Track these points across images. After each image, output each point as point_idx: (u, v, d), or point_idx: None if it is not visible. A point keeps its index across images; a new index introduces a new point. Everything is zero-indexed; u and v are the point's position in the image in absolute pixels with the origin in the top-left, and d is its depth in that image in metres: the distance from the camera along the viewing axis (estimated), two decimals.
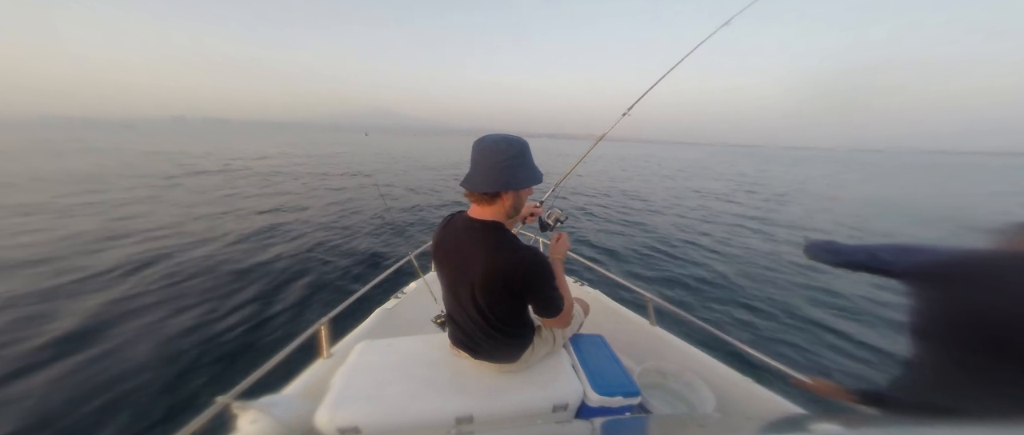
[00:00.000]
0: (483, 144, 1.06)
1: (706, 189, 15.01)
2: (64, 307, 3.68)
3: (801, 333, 3.69)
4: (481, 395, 1.26)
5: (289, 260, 5.24)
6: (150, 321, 3.49)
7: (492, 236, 1.10)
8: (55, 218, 6.81)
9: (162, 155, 20.86)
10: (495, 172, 1.05)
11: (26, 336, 3.15)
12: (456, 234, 1.18)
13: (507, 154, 1.05)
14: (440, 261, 1.24)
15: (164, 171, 13.86)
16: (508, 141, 1.06)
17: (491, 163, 1.05)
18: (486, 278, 1.09)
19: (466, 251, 1.13)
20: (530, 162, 1.11)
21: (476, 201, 1.13)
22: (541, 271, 1.08)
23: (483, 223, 1.13)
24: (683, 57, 1.95)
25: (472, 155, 1.09)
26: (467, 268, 1.12)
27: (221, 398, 1.14)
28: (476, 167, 1.08)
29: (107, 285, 4.20)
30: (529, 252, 1.07)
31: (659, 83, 1.99)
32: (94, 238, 5.77)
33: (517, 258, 1.05)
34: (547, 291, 1.13)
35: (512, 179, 1.06)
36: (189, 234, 6.16)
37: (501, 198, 1.10)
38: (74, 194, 9.04)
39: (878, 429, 0.60)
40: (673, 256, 5.95)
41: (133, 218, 6.96)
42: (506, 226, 1.18)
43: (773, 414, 1.51)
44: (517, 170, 1.06)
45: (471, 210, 1.18)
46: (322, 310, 2.17)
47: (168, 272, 4.57)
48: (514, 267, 1.05)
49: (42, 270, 4.50)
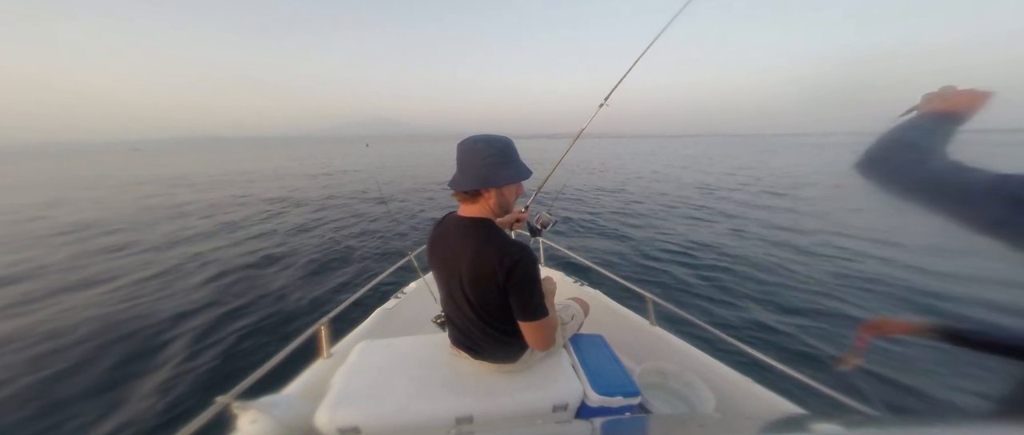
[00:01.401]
0: (465, 145, 1.11)
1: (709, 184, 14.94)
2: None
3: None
4: (481, 395, 1.26)
5: (289, 260, 5.25)
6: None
7: (481, 231, 1.13)
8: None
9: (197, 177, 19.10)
10: (475, 170, 1.09)
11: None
12: (446, 233, 1.22)
13: (486, 153, 1.08)
14: (434, 261, 1.27)
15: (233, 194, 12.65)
16: (488, 140, 1.09)
17: (471, 162, 1.09)
18: (473, 272, 1.10)
19: (456, 247, 1.15)
20: (513, 159, 1.13)
21: (462, 200, 1.17)
22: (526, 267, 1.05)
23: (472, 220, 1.16)
24: (655, 38, 1.98)
25: (457, 156, 1.12)
26: (457, 264, 1.14)
27: (221, 398, 1.14)
28: (460, 167, 1.13)
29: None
30: (517, 245, 1.07)
31: (633, 68, 2.01)
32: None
33: (503, 250, 1.05)
34: (529, 288, 1.08)
35: (493, 176, 1.08)
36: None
37: (483, 196, 1.12)
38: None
39: (878, 429, 0.60)
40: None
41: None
42: (496, 224, 1.20)
43: (773, 414, 1.50)
44: (498, 167, 1.09)
45: (460, 210, 1.22)
46: (322, 310, 2.17)
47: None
48: (499, 259, 1.04)
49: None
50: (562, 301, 1.69)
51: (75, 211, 9.87)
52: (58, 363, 3.00)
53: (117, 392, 2.67)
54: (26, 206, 10.90)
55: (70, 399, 2.62)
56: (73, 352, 3.15)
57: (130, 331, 3.47)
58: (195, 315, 3.75)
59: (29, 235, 7.24)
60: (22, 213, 9.74)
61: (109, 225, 8.00)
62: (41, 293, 4.40)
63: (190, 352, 3.13)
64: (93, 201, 11.78)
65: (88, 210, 10.02)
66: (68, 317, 3.77)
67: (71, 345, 3.26)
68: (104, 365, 2.99)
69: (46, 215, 9.38)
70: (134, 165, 33.60)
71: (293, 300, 4.11)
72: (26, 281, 4.80)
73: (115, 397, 2.62)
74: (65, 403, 2.58)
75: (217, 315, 3.73)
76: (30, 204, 11.32)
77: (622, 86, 2.13)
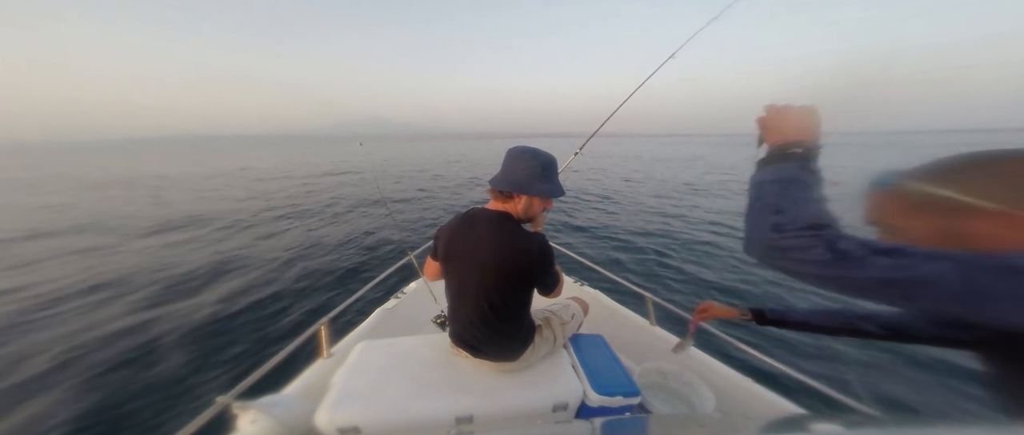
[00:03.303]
0: (515, 151, 1.22)
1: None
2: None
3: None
4: (481, 395, 1.26)
5: (289, 257, 5.25)
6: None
7: (509, 224, 1.23)
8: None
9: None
10: (515, 175, 1.20)
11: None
12: (473, 224, 1.26)
13: (530, 163, 1.19)
14: (452, 252, 1.29)
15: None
16: (535, 153, 1.20)
17: (514, 167, 1.20)
18: (503, 260, 1.17)
19: (483, 238, 1.21)
20: (551, 176, 1.23)
21: (495, 197, 1.27)
22: (551, 254, 1.23)
23: (500, 214, 1.25)
24: (651, 73, 2.06)
25: (504, 158, 1.24)
26: (480, 251, 1.20)
27: (221, 398, 1.14)
28: (503, 168, 1.23)
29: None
30: (540, 237, 1.22)
31: (648, 79, 2.06)
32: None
33: (532, 242, 1.19)
34: (553, 271, 1.29)
35: (528, 185, 1.19)
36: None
37: (515, 199, 1.22)
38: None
39: (878, 429, 0.60)
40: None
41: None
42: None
43: (773, 414, 1.50)
44: (535, 179, 1.19)
45: (490, 204, 1.30)
46: (322, 310, 2.17)
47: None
48: (528, 251, 1.18)
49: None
50: (562, 301, 1.69)
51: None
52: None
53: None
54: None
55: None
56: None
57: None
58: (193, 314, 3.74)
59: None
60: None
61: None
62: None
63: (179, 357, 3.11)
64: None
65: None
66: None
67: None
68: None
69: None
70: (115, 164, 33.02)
71: (292, 300, 4.10)
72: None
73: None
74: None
75: (214, 314, 3.73)
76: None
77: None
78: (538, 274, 1.23)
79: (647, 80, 2.06)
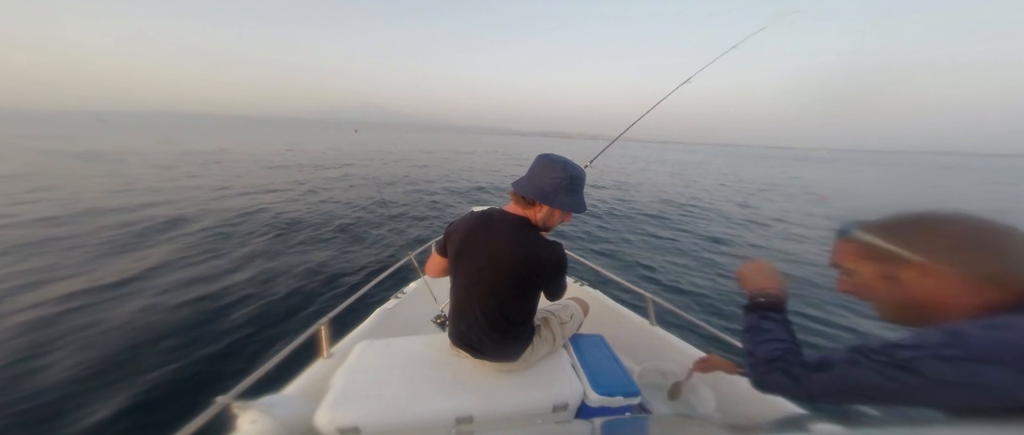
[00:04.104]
0: (545, 158, 1.21)
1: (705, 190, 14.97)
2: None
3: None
4: (481, 395, 1.26)
5: (288, 257, 5.24)
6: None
7: (528, 229, 1.22)
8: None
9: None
10: (541, 183, 1.17)
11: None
12: (490, 225, 1.25)
13: (558, 174, 1.17)
14: (464, 250, 1.27)
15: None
16: (565, 164, 1.18)
17: (542, 174, 1.18)
18: (520, 265, 1.17)
19: (503, 241, 1.19)
20: (577, 190, 1.21)
21: (516, 201, 1.25)
22: (565, 263, 1.24)
23: (520, 217, 1.24)
24: (664, 96, 2.08)
25: (532, 164, 1.23)
26: (499, 256, 1.18)
27: (221, 398, 1.14)
28: (530, 174, 1.21)
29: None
30: (558, 246, 1.22)
31: (662, 101, 2.05)
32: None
33: (552, 252, 1.19)
34: (564, 280, 1.32)
35: (552, 196, 1.17)
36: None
37: (536, 206, 1.20)
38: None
39: (878, 429, 0.60)
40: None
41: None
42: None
43: (773, 414, 1.50)
44: (560, 191, 1.17)
45: (509, 207, 1.28)
46: (322, 310, 2.17)
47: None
48: (548, 261, 1.18)
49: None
50: (562, 301, 1.69)
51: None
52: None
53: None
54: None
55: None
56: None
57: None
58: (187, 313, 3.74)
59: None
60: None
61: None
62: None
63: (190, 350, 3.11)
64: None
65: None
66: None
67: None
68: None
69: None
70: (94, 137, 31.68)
71: (290, 300, 4.10)
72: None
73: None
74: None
75: (211, 312, 3.72)
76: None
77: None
78: (551, 282, 1.25)
79: (661, 102, 2.08)
